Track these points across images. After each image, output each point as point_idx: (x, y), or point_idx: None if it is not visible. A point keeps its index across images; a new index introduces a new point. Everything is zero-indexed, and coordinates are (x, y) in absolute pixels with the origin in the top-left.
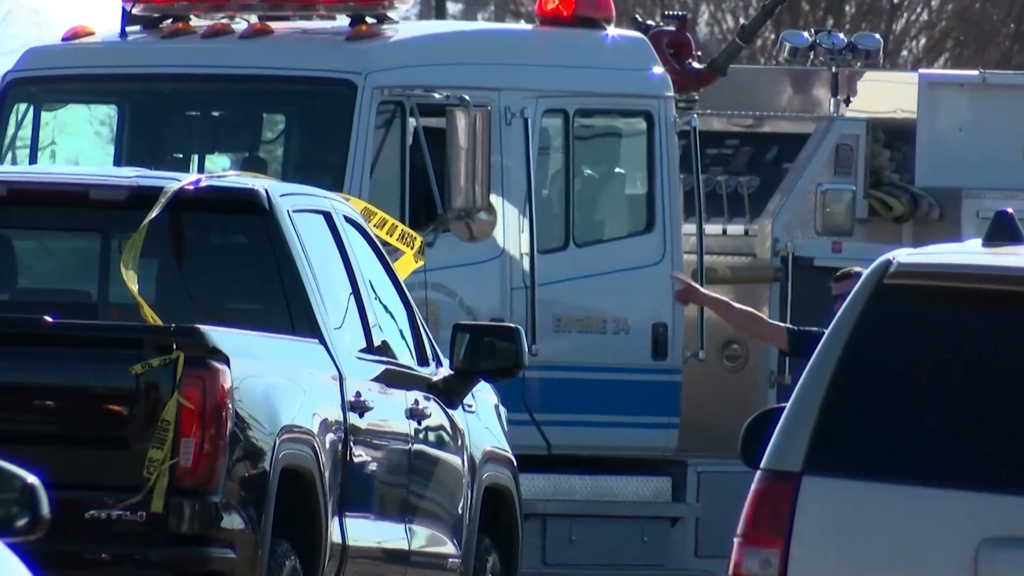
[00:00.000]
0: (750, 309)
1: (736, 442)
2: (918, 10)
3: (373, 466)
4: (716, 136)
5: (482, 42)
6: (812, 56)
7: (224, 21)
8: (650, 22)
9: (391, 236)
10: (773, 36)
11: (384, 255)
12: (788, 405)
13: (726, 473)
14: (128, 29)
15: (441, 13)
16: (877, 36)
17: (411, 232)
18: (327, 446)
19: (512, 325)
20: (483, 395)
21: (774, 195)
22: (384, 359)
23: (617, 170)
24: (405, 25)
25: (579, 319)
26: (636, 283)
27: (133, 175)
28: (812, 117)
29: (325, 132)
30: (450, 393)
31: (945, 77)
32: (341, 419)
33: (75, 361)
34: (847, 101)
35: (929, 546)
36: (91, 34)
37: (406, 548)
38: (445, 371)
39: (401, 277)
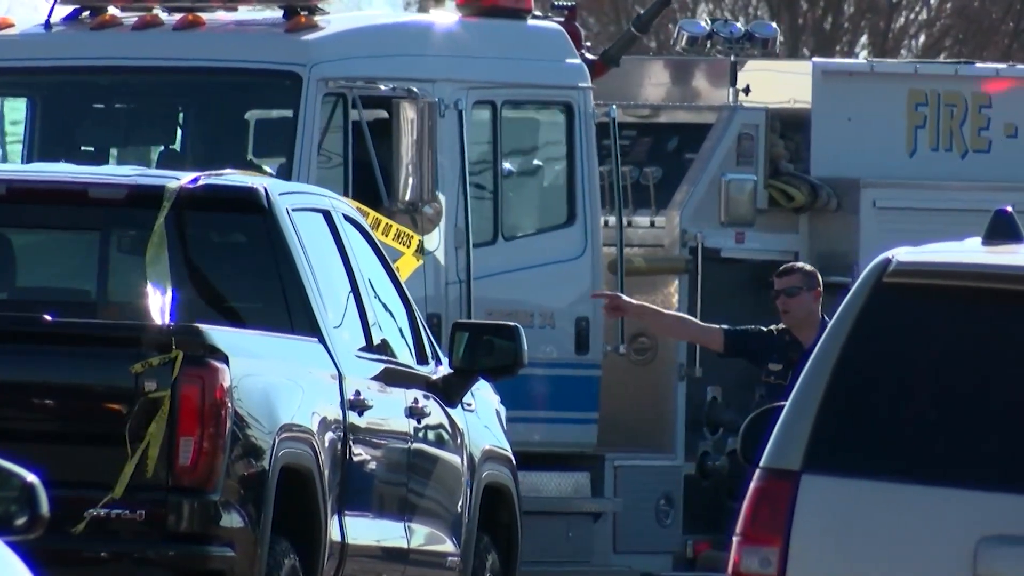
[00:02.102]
0: (679, 314)
1: (648, 434)
2: (917, 8)
3: (372, 465)
4: (604, 126)
5: (418, 33)
6: (709, 45)
7: (154, 13)
8: (537, 13)
9: (387, 236)
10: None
11: (383, 254)
12: (787, 404)
13: (641, 467)
14: (51, 21)
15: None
16: (774, 25)
17: (407, 231)
18: (326, 445)
19: (512, 324)
20: (482, 394)
21: (681, 186)
22: (383, 358)
23: (541, 163)
24: (336, 16)
25: (508, 313)
26: (559, 277)
27: (132, 174)
28: (711, 107)
29: (271, 124)
30: (449, 392)
31: (837, 66)
32: (340, 418)
33: (74, 360)
34: (746, 90)
35: (928, 544)
36: (11, 26)
37: (405, 546)
38: (444, 370)
39: (403, 277)
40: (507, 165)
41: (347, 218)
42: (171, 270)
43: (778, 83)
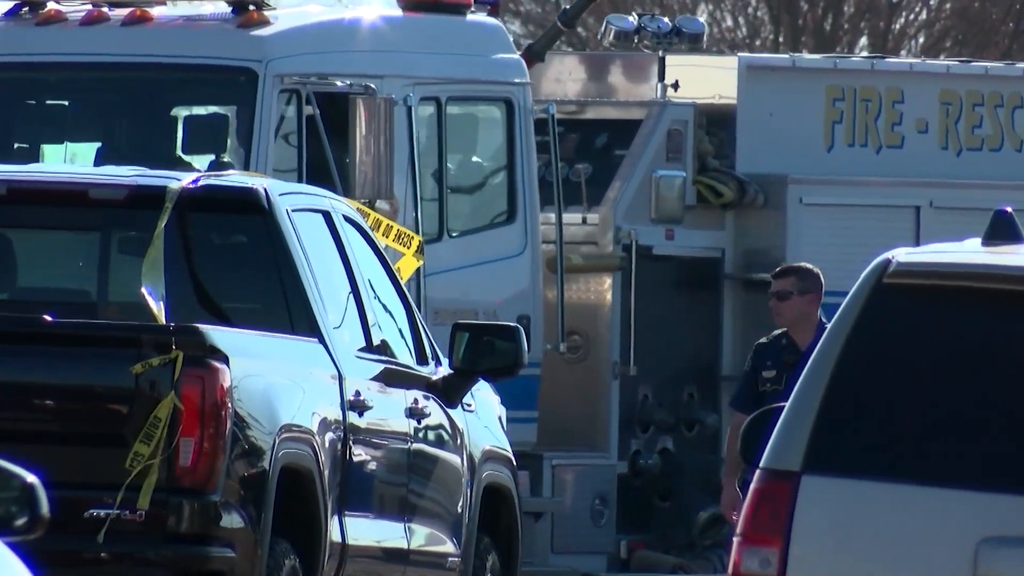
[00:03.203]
0: (733, 456)
1: (583, 433)
2: (917, 9)
3: (372, 465)
4: (539, 123)
5: (366, 29)
6: (637, 40)
7: (102, 8)
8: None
9: (387, 237)
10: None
11: (383, 254)
12: (787, 404)
13: (577, 466)
14: None
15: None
16: (702, 20)
17: (408, 232)
18: (326, 445)
19: (512, 324)
20: (482, 394)
21: (613, 183)
22: (383, 358)
23: (483, 160)
24: (284, 12)
25: (454, 312)
26: (501, 274)
27: (132, 174)
28: (640, 103)
29: (227, 120)
30: (449, 392)
31: (761, 61)
32: (340, 418)
33: (74, 360)
34: (675, 86)
35: (928, 545)
36: None
37: (405, 547)
38: (444, 370)
39: (404, 278)
40: (454, 161)
41: (347, 219)
42: (171, 270)
43: (704, 78)
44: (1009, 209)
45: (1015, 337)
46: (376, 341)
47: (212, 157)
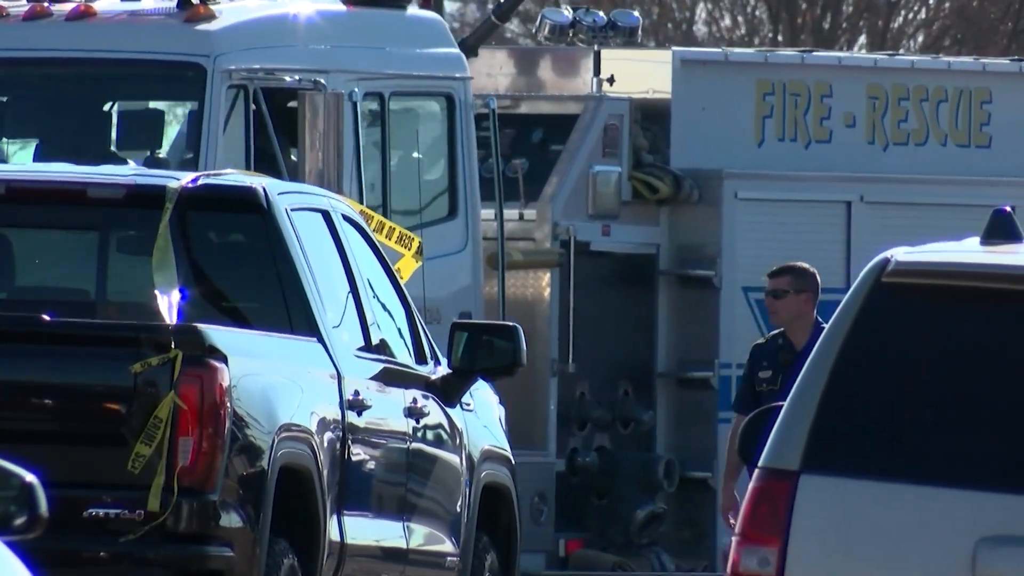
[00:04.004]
0: (733, 458)
1: (522, 430)
2: (916, 8)
3: (371, 465)
4: (479, 117)
5: (311, 23)
6: (572, 34)
7: (44, 4)
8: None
9: (390, 239)
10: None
11: (382, 254)
12: (786, 404)
13: (516, 464)
14: None
15: (438, 9)
16: (636, 14)
17: (408, 233)
18: (325, 445)
19: (511, 324)
20: (481, 394)
21: (550, 178)
22: (382, 358)
23: (425, 155)
24: (228, 6)
25: None
26: (444, 271)
27: (131, 173)
28: (576, 97)
29: (162, 115)
30: (448, 392)
31: (695, 55)
32: (339, 418)
33: (73, 359)
34: (610, 80)
35: (927, 544)
36: None
37: (404, 546)
38: (443, 370)
39: (404, 279)
40: (397, 157)
41: (346, 218)
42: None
43: (638, 73)
44: (1008, 208)
45: (1014, 336)
46: (375, 340)
47: (148, 153)
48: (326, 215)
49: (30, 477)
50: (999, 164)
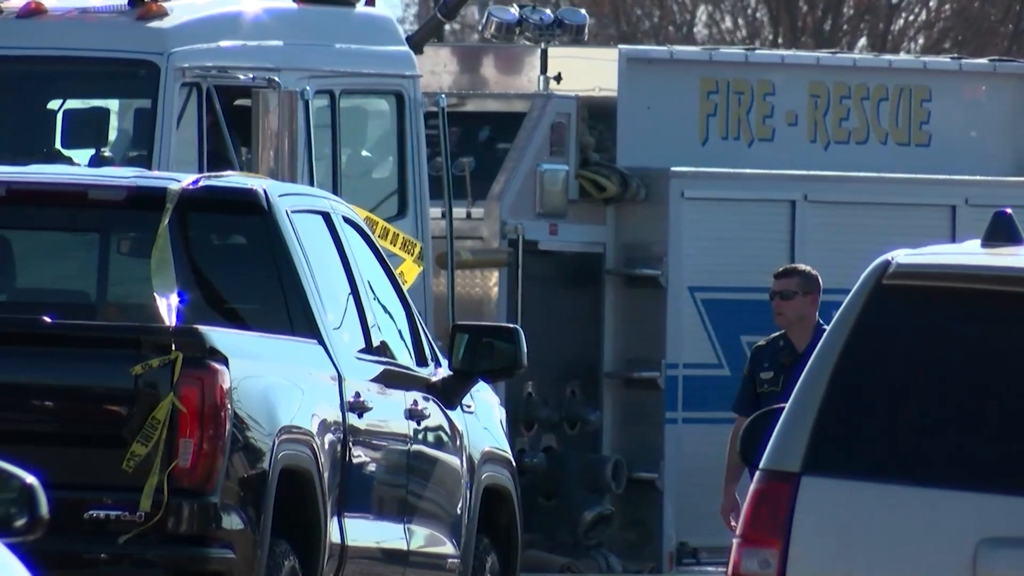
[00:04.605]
0: (734, 460)
1: None
2: (916, 10)
3: (372, 466)
4: (427, 116)
5: (263, 21)
6: (519, 32)
7: None
8: None
9: (394, 245)
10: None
11: (383, 256)
12: (787, 405)
13: None
14: None
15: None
16: (583, 11)
17: (411, 239)
18: (326, 446)
19: (512, 326)
20: (482, 396)
21: (498, 177)
22: (383, 359)
23: (375, 154)
24: (179, 4)
25: None
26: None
27: (132, 175)
28: (523, 95)
29: (128, 114)
30: (449, 394)
31: (641, 53)
32: (340, 419)
33: (74, 361)
34: (557, 78)
35: (928, 546)
36: None
37: (405, 548)
38: (444, 372)
39: (407, 284)
40: (347, 156)
41: (346, 220)
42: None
43: (585, 70)
44: (1008, 210)
45: (1014, 338)
46: (376, 342)
47: (93, 151)
48: (327, 217)
49: (30, 479)
50: (939, 162)
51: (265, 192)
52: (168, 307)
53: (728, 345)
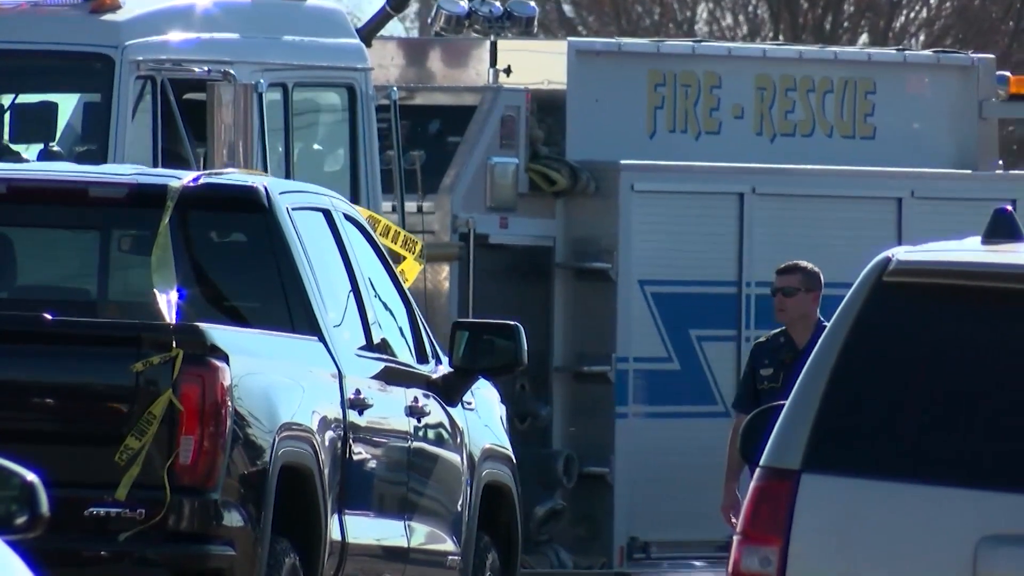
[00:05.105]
0: (734, 457)
1: None
2: (917, 7)
3: (372, 464)
4: (379, 109)
5: (217, 13)
6: (468, 24)
7: None
8: None
9: (395, 243)
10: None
11: (384, 253)
12: (787, 403)
13: None
14: None
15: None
16: (533, 4)
17: (412, 237)
18: (326, 444)
19: (512, 323)
20: (483, 393)
21: (448, 170)
22: (384, 357)
23: (328, 147)
24: None
25: None
26: None
27: (132, 172)
28: (473, 88)
29: (83, 108)
30: (449, 391)
31: (590, 45)
32: (340, 417)
33: (74, 359)
34: (507, 71)
35: (928, 544)
36: None
37: (405, 545)
38: (445, 369)
39: (408, 281)
40: (301, 149)
41: (347, 217)
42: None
43: (534, 63)
44: (1009, 207)
45: (1015, 336)
46: (376, 339)
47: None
48: (327, 214)
49: (31, 476)
50: (883, 155)
51: (266, 189)
52: (169, 304)
53: (678, 339)
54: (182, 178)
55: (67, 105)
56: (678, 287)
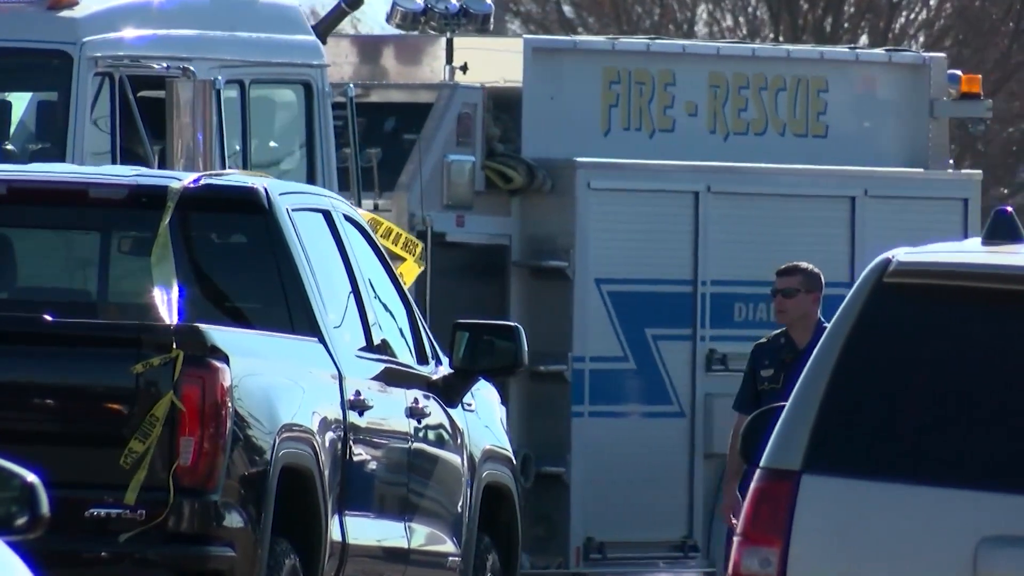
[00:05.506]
0: (735, 457)
1: None
2: (917, 8)
3: (373, 465)
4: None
5: (176, 9)
6: (424, 21)
7: None
8: None
9: (396, 245)
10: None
11: (383, 254)
12: (788, 404)
13: None
14: None
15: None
16: (489, 1)
17: (413, 239)
18: (327, 445)
19: (512, 324)
20: (483, 394)
21: (406, 167)
22: (384, 358)
23: (284, 144)
24: None
25: None
26: None
27: (132, 174)
28: (429, 85)
29: (39, 106)
30: (450, 392)
31: (545, 43)
32: (341, 418)
33: (75, 360)
34: (463, 68)
35: (928, 545)
36: None
37: (406, 546)
38: (445, 370)
39: (408, 283)
40: (258, 147)
41: (347, 218)
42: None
43: (490, 61)
44: (1009, 209)
45: (1015, 337)
46: (376, 340)
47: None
48: (327, 215)
49: (31, 477)
50: (835, 153)
51: (266, 191)
52: (169, 306)
53: (634, 338)
54: (182, 179)
55: (19, 104)
56: (634, 286)
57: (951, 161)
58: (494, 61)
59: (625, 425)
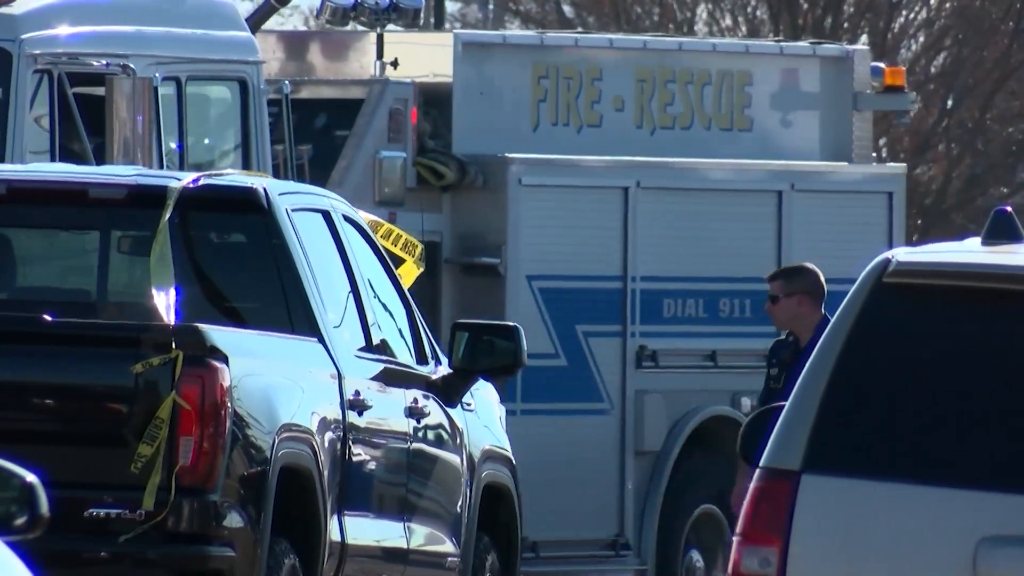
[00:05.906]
0: (742, 465)
1: None
2: (917, 8)
3: (372, 465)
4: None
5: (114, 6)
6: (354, 16)
7: None
8: None
9: (396, 245)
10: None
11: (383, 254)
12: (787, 403)
13: None
14: None
15: (440, 10)
16: None
17: (413, 240)
18: (326, 445)
19: (512, 324)
20: (482, 394)
21: (337, 163)
22: (383, 358)
23: (221, 141)
24: None
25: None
26: None
27: (132, 173)
28: (359, 81)
29: None
30: (449, 392)
31: (476, 37)
32: (340, 418)
33: (74, 360)
34: (394, 64)
35: (928, 544)
36: None
37: (405, 546)
38: (444, 370)
39: (407, 284)
40: (194, 145)
41: (346, 218)
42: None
43: (420, 56)
44: (1008, 208)
45: (1015, 336)
46: (376, 340)
47: None
48: (326, 215)
49: (31, 477)
50: (760, 147)
51: (265, 191)
52: (168, 305)
53: (565, 335)
54: (182, 179)
55: None
56: (565, 282)
57: (874, 155)
58: (424, 56)
59: (556, 423)
